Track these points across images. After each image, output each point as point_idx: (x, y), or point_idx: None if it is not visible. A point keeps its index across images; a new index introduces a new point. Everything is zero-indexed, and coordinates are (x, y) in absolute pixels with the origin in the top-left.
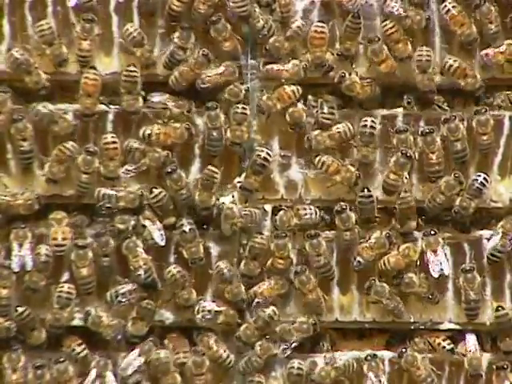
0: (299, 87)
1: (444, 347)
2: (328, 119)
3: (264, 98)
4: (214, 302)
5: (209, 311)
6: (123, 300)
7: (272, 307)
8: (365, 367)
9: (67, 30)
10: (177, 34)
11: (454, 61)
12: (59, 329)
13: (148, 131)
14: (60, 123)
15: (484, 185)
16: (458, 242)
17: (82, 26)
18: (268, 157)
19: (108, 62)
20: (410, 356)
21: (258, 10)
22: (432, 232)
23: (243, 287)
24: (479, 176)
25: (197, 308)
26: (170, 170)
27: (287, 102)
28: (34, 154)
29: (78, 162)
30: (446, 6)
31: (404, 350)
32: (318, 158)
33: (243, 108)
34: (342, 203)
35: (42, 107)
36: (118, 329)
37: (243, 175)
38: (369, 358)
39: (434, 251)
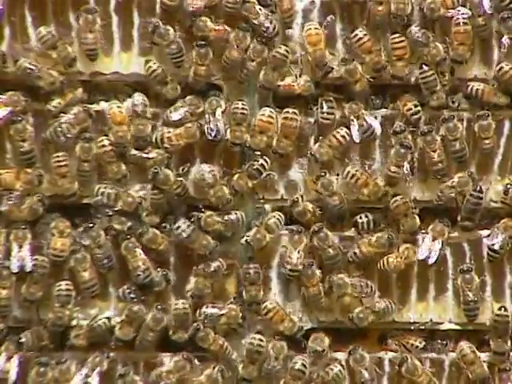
0: (273, 112)
1: (417, 347)
2: (327, 119)
3: (249, 140)
4: (214, 306)
5: (211, 314)
6: (135, 296)
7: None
8: (350, 361)
9: (67, 30)
10: (157, 38)
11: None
12: (61, 327)
13: (159, 136)
14: (45, 78)
15: (480, 198)
16: (458, 242)
17: (84, 18)
18: (265, 164)
19: (108, 61)
20: (410, 365)
21: (257, 6)
22: (445, 223)
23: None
24: (472, 196)
25: (198, 312)
26: (152, 175)
27: (270, 130)
28: (34, 153)
29: (77, 151)
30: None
31: (405, 358)
32: (347, 170)
33: (243, 108)
34: (323, 171)
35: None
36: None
37: (236, 176)
38: (352, 352)
39: (434, 238)
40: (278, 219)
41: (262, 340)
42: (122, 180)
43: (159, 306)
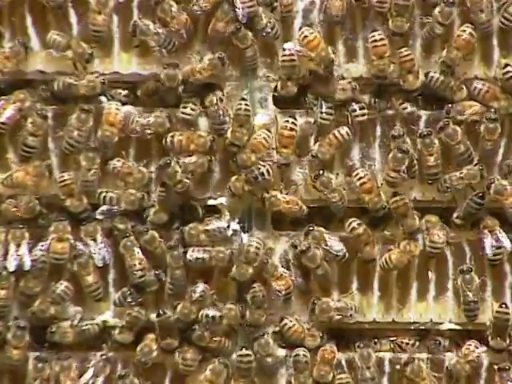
0: (270, 134)
1: (413, 345)
2: (326, 119)
3: (241, 155)
4: (214, 307)
5: (212, 317)
6: (132, 300)
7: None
8: (357, 356)
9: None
10: (140, 36)
11: (483, 84)
12: (38, 320)
13: (169, 138)
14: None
15: (481, 204)
16: (458, 242)
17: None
18: (267, 175)
19: (108, 61)
20: (416, 366)
21: (261, 8)
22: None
23: None
24: (471, 200)
25: (199, 317)
26: (163, 164)
27: (263, 150)
28: (35, 151)
29: (81, 160)
30: None
31: (412, 359)
32: (357, 171)
33: (246, 110)
34: (321, 169)
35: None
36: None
37: (234, 178)
38: (361, 345)
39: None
40: (256, 247)
41: (250, 355)
42: (149, 184)
43: (172, 244)
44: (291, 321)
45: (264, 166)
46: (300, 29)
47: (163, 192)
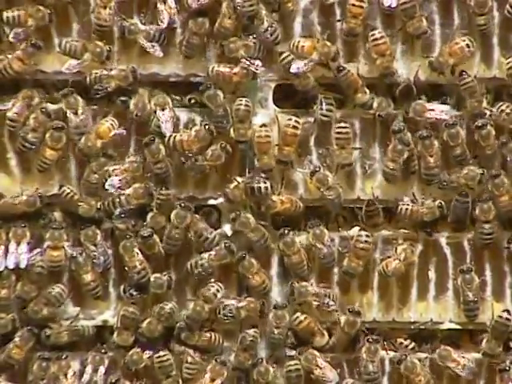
0: (268, 129)
1: (407, 346)
2: (327, 116)
3: (263, 161)
4: (234, 298)
5: (230, 310)
6: (135, 294)
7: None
8: (363, 349)
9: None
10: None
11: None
12: (31, 320)
13: (172, 140)
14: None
15: (467, 202)
16: (457, 242)
17: None
18: (264, 191)
19: (108, 62)
20: (409, 363)
21: (264, 11)
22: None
23: None
24: (457, 201)
25: (219, 307)
26: (148, 141)
27: (270, 148)
28: (33, 148)
29: (91, 165)
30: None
31: (404, 356)
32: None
33: (246, 105)
34: (317, 166)
35: None
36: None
37: (233, 185)
38: (371, 340)
39: None
40: (216, 289)
41: None
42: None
43: (182, 204)
44: (303, 314)
45: (265, 182)
46: (291, 42)
47: (163, 195)
